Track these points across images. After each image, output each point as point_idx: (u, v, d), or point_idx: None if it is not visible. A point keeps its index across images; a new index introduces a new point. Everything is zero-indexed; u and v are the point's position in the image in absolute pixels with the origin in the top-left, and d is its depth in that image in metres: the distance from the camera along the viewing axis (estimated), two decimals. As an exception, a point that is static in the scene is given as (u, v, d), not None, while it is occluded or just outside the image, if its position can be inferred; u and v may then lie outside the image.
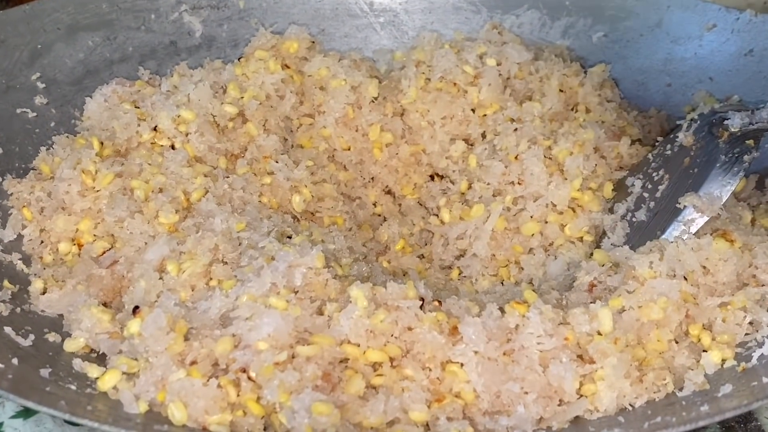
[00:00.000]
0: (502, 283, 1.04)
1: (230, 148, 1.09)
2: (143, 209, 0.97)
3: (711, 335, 0.85)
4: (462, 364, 0.80)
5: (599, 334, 0.82)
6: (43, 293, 0.92)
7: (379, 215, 1.14)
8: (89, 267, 0.94)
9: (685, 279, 0.87)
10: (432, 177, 1.16)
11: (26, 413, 0.88)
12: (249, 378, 0.77)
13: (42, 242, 0.98)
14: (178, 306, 0.84)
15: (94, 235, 0.97)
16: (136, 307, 0.84)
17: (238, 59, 1.20)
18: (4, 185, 1.00)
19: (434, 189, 1.13)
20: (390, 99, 1.16)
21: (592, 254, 1.00)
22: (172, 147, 1.06)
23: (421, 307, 0.84)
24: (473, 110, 1.15)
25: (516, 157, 1.06)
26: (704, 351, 0.84)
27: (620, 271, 0.90)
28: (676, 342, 0.85)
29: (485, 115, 1.15)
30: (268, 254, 0.89)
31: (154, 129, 1.06)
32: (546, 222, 1.04)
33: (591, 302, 0.87)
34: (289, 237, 0.96)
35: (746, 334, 0.85)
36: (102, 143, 1.05)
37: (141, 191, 0.98)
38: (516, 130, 1.09)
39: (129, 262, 0.93)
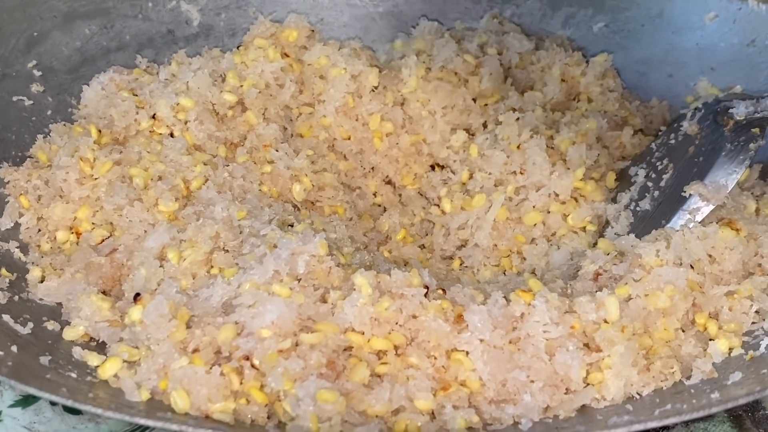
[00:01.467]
0: (504, 273, 1.03)
1: (230, 137, 1.07)
2: (142, 197, 0.95)
3: (717, 324, 0.85)
4: (467, 353, 0.80)
5: (606, 322, 0.82)
6: (42, 281, 0.91)
7: (380, 205, 1.13)
8: (88, 255, 0.92)
9: (692, 267, 0.87)
10: (433, 167, 1.15)
11: (25, 402, 0.87)
12: (252, 366, 0.76)
13: (39, 230, 0.97)
14: (179, 293, 0.83)
15: (93, 223, 0.96)
16: (137, 295, 0.83)
17: (237, 47, 1.19)
18: (1, 173, 0.98)
19: (435, 179, 1.12)
20: (390, 88, 1.14)
21: (595, 244, 0.99)
22: (171, 135, 1.05)
23: (426, 294, 0.83)
24: (474, 100, 1.14)
25: (518, 147, 1.06)
26: (711, 340, 0.84)
27: (625, 259, 0.89)
28: (683, 330, 0.85)
29: (486, 104, 1.14)
30: (270, 242, 0.88)
31: (153, 117, 1.05)
32: (548, 212, 1.04)
33: (597, 291, 0.87)
34: (291, 225, 0.96)
35: (753, 323, 0.85)
36: (100, 131, 1.04)
37: (140, 179, 0.96)
38: (518, 119, 1.08)
39: (128, 250, 0.92)
